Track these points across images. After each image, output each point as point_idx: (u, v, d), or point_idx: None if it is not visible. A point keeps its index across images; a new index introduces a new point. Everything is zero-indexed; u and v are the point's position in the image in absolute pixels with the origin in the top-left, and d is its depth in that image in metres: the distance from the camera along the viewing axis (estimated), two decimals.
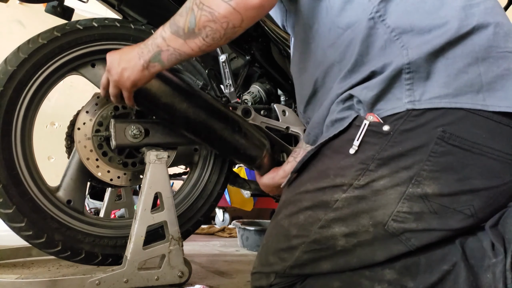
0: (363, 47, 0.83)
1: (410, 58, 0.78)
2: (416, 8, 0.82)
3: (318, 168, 0.87)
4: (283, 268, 0.87)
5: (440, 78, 0.78)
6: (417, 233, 0.78)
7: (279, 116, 1.43)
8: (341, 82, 0.87)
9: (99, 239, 1.26)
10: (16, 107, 1.16)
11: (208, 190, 1.43)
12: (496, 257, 0.74)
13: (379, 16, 0.83)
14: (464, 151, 0.76)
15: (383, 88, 0.80)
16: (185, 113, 1.18)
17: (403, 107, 0.78)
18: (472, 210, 0.78)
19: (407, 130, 0.77)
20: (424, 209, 0.77)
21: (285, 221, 0.88)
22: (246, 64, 1.43)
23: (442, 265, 0.78)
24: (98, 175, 1.26)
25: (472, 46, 0.78)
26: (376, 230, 0.79)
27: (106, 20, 1.28)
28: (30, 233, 1.15)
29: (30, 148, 1.21)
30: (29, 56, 1.16)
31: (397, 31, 0.81)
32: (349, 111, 0.85)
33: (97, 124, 1.26)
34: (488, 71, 0.77)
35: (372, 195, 0.79)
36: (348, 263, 0.83)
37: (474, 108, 0.76)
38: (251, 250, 2.22)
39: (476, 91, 0.77)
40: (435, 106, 0.76)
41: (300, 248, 0.84)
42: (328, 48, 0.91)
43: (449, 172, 0.76)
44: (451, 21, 0.79)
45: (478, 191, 0.77)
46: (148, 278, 1.17)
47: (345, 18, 0.87)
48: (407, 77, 0.78)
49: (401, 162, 0.78)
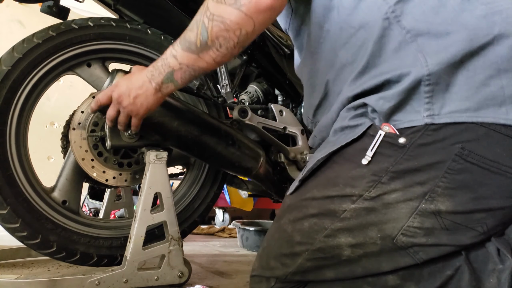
0: (376, 48, 0.80)
1: (430, 69, 0.75)
2: (436, 11, 0.78)
3: (327, 176, 0.84)
4: (285, 274, 0.84)
5: (461, 91, 0.74)
6: (426, 248, 0.76)
7: (276, 116, 1.42)
8: (351, 84, 0.84)
9: (95, 239, 1.25)
10: (11, 107, 1.16)
11: (205, 190, 1.43)
12: (502, 263, 0.73)
13: (395, 17, 0.79)
14: (482, 170, 0.73)
15: (401, 100, 0.76)
16: (176, 132, 1.17)
17: (421, 120, 0.75)
18: (485, 228, 0.75)
19: (424, 145, 0.75)
20: (435, 225, 0.75)
21: (288, 226, 0.85)
22: (243, 64, 1.43)
23: (445, 270, 0.77)
24: (94, 175, 1.26)
25: (494, 57, 0.74)
26: (384, 243, 0.77)
27: (101, 19, 1.28)
28: (24, 234, 1.15)
29: (25, 148, 1.20)
30: (23, 55, 1.16)
31: (413, 33, 0.78)
32: (362, 119, 0.82)
33: (92, 124, 1.25)
34: (511, 83, 0.73)
35: (383, 208, 0.77)
36: (353, 272, 0.81)
37: (496, 123, 0.72)
38: (251, 250, 2.22)
39: (499, 104, 0.73)
40: (455, 121, 0.73)
41: (303, 256, 0.82)
42: (340, 49, 0.88)
43: (465, 190, 0.74)
44: (471, 29, 0.76)
45: (493, 210, 0.75)
46: (147, 278, 1.16)
47: (358, 17, 0.84)
48: (427, 89, 0.75)
49: (416, 177, 0.75)
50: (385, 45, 0.80)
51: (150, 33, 1.34)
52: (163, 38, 1.36)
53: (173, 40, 1.38)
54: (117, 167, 1.29)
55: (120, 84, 1.03)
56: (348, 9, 0.85)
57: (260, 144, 1.36)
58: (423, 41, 0.77)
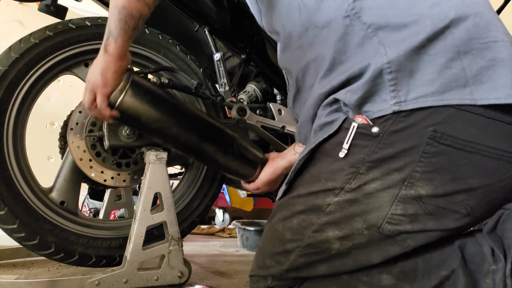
0: (340, 45, 0.82)
1: (389, 57, 0.76)
2: (392, 4, 0.81)
3: (310, 172, 0.86)
4: (279, 271, 0.86)
5: (424, 76, 0.75)
6: (413, 234, 0.77)
7: (275, 115, 1.42)
8: (321, 81, 0.86)
9: (93, 240, 1.25)
10: (8, 107, 1.15)
11: (204, 190, 1.42)
12: (496, 264, 0.73)
13: (355, 13, 0.81)
14: (457, 150, 0.74)
15: (367, 90, 0.78)
16: (176, 137, 1.13)
17: (389, 109, 0.76)
18: (469, 209, 0.76)
19: (397, 131, 0.76)
20: (419, 211, 0.76)
21: (279, 225, 0.87)
22: (242, 63, 1.42)
23: (440, 270, 0.77)
24: (92, 176, 1.25)
25: (452, 40, 0.76)
26: (371, 233, 0.78)
27: (99, 19, 1.27)
28: (22, 234, 1.14)
29: (22, 148, 1.20)
30: (20, 55, 1.15)
31: (373, 27, 0.80)
32: (337, 114, 0.83)
33: (90, 124, 1.24)
34: (472, 63, 0.75)
35: (364, 198, 0.78)
36: (345, 266, 0.82)
37: (462, 104, 0.74)
38: (251, 250, 2.22)
39: (463, 85, 0.74)
40: (422, 106, 0.75)
41: (295, 252, 0.84)
42: (307, 48, 0.90)
43: (443, 172, 0.75)
44: (427, 16, 0.78)
45: (473, 190, 0.75)
46: (147, 279, 1.16)
47: (321, 17, 0.86)
48: (390, 77, 0.76)
49: (392, 164, 0.76)
50: (349, 41, 0.82)
51: (148, 32, 1.34)
52: (161, 38, 1.36)
53: (171, 40, 1.38)
54: (115, 167, 1.29)
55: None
56: (311, 10, 0.87)
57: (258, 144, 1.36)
58: (383, 34, 0.79)
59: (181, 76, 1.33)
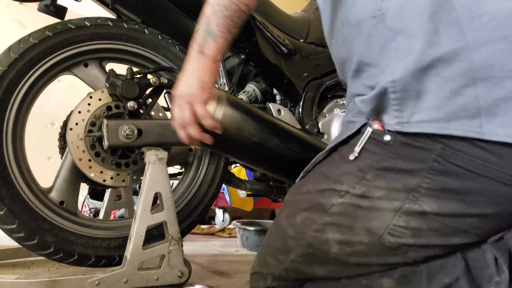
0: (365, 46, 0.80)
1: (394, 76, 0.73)
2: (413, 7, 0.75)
3: (322, 170, 0.85)
4: (279, 271, 0.86)
5: (432, 100, 0.70)
6: (415, 248, 0.75)
7: (275, 115, 1.42)
8: (351, 81, 0.85)
9: (92, 240, 1.25)
10: (7, 108, 1.15)
11: (203, 190, 1.42)
12: (499, 275, 0.71)
13: (381, 15, 0.78)
14: (469, 173, 0.69)
15: (376, 104, 0.76)
16: (272, 154, 1.06)
17: (393, 126, 0.74)
18: (478, 231, 0.74)
19: (407, 144, 0.73)
20: (422, 226, 0.73)
21: (284, 221, 0.86)
22: (241, 63, 1.42)
23: (443, 277, 0.75)
24: (91, 175, 1.25)
25: (469, 64, 0.68)
26: (371, 242, 0.76)
27: (98, 19, 1.27)
28: (21, 234, 1.14)
29: (22, 149, 1.20)
30: (20, 55, 1.15)
31: (393, 31, 0.75)
32: (360, 116, 0.81)
33: (89, 124, 1.24)
34: (488, 93, 0.67)
35: (367, 205, 0.76)
36: (343, 272, 0.82)
37: (466, 136, 0.68)
38: (251, 250, 2.21)
39: (472, 116, 0.68)
40: (423, 131, 0.71)
41: (295, 251, 0.83)
42: (341, 44, 0.89)
43: (451, 193, 0.71)
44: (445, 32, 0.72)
45: (485, 216, 0.72)
46: (147, 278, 1.16)
47: (355, 14, 0.83)
48: (393, 96, 0.73)
49: (399, 176, 0.74)
50: (372, 44, 0.79)
51: (148, 33, 1.34)
52: (160, 38, 1.36)
53: (171, 40, 1.38)
54: (114, 167, 1.28)
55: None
56: (348, 5, 0.85)
57: None
58: (401, 41, 0.74)
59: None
